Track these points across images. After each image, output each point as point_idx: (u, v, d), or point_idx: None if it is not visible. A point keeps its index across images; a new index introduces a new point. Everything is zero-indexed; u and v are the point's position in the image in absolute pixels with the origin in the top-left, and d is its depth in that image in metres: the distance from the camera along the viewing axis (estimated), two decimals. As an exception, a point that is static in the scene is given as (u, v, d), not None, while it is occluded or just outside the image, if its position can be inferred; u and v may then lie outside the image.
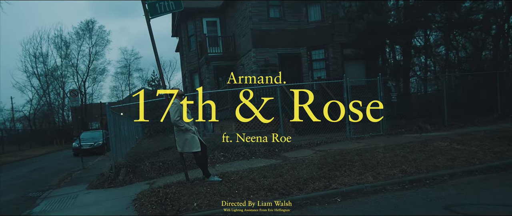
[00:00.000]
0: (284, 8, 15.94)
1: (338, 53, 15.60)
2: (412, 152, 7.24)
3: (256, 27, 15.54)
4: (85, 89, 44.96)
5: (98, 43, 45.44)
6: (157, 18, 6.63)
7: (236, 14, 17.50)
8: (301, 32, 15.97)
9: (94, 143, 19.39)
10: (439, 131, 10.80)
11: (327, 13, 15.54)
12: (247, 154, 8.86)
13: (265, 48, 15.58)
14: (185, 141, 5.99)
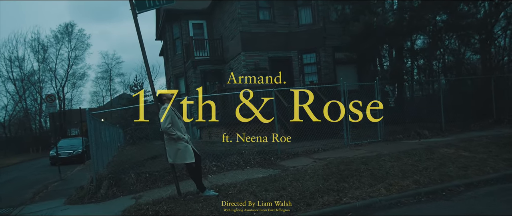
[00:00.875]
0: (274, 10, 15.46)
1: (330, 57, 15.19)
2: (420, 161, 6.77)
3: (246, 30, 14.99)
4: (64, 95, 43.37)
5: (78, 47, 44.03)
6: (141, 20, 6.00)
7: (224, 16, 16.91)
8: (291, 35, 15.51)
9: (73, 151, 18.33)
10: (438, 137, 10.45)
11: (319, 16, 15.14)
12: (241, 163, 8.23)
13: (255, 51, 15.03)
14: (177, 151, 5.32)
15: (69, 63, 43.03)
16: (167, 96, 5.55)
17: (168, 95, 5.56)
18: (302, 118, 11.64)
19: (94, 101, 51.57)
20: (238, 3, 14.97)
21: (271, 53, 15.27)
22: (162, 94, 5.57)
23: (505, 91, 12.62)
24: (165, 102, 5.51)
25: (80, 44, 44.65)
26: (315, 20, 15.25)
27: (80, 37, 43.97)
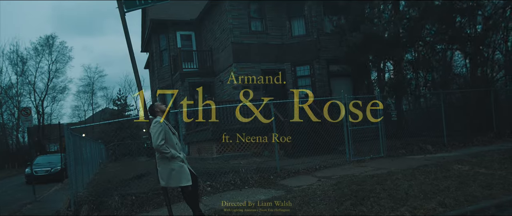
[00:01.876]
0: (266, 21, 14.97)
1: (324, 69, 14.71)
2: (437, 179, 6.18)
3: (237, 40, 14.41)
4: (43, 109, 41.70)
5: (59, 59, 42.67)
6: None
7: (214, 26, 16.32)
8: (285, 47, 15.00)
9: (51, 168, 17.11)
10: (442, 152, 9.96)
11: (312, 28, 14.71)
12: (238, 182, 7.48)
13: (247, 63, 14.42)
14: (171, 172, 4.56)
15: (49, 76, 41.57)
16: (160, 108, 4.81)
17: (161, 107, 4.82)
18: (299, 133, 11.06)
19: (75, 116, 49.84)
20: (229, 13, 14.43)
21: (264, 65, 14.70)
22: (154, 105, 4.84)
23: (504, 104, 12.32)
24: (157, 115, 4.77)
25: (61, 57, 43.32)
26: (308, 31, 14.81)
27: (62, 49, 42.68)
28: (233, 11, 14.48)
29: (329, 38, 14.77)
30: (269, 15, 15.00)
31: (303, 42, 14.81)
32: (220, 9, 15.34)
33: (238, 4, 14.60)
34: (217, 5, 15.58)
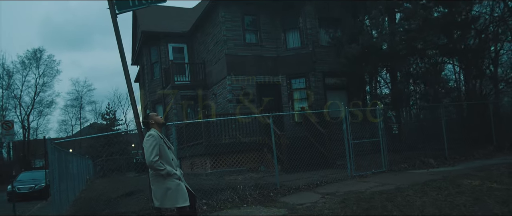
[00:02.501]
0: (261, 33, 14.71)
1: (320, 82, 14.43)
2: (450, 195, 5.81)
3: (231, 52, 14.07)
4: (28, 123, 40.51)
5: (46, 73, 41.66)
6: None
7: (207, 38, 16.00)
8: (280, 59, 14.72)
9: (35, 185, 16.29)
10: (445, 166, 9.66)
11: (307, 40, 14.48)
12: (236, 200, 6.99)
13: (241, 76, 14.06)
14: (167, 191, 4.08)
15: (36, 90, 40.52)
16: (156, 119, 4.37)
17: (157, 119, 4.38)
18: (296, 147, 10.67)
19: (62, 130, 48.62)
20: (223, 25, 14.14)
21: (259, 77, 14.36)
22: (148, 116, 4.39)
23: (503, 117, 12.16)
24: (152, 127, 4.33)
25: (49, 70, 42.29)
26: (303, 44, 14.58)
27: (49, 63, 41.72)
28: (227, 23, 14.21)
29: (324, 51, 14.56)
30: (264, 27, 14.76)
31: (298, 55, 14.56)
32: (213, 21, 15.06)
33: (232, 16, 14.35)
34: (210, 17, 15.31)
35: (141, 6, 4.27)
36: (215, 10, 14.69)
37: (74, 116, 49.11)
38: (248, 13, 14.69)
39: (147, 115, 4.44)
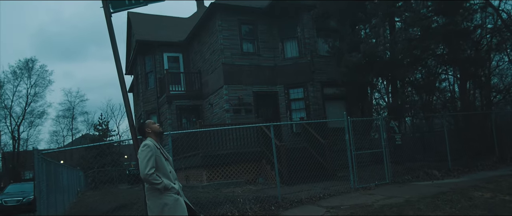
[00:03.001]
0: (258, 42, 14.49)
1: (319, 92, 14.19)
2: (463, 208, 5.51)
3: (228, 61, 13.81)
4: (19, 134, 39.68)
5: (38, 83, 41.03)
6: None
7: (203, 48, 15.74)
8: (277, 69, 14.48)
9: (23, 198, 15.66)
10: (450, 178, 9.37)
11: (306, 49, 14.29)
12: (235, 214, 6.61)
13: (238, 85, 13.77)
14: (163, 207, 3.70)
15: (27, 100, 39.83)
16: (153, 127, 4.00)
17: (154, 127, 4.01)
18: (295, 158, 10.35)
19: (53, 141, 47.71)
20: (220, 33, 13.90)
21: (256, 87, 14.08)
22: (145, 124, 4.03)
23: (504, 128, 11.97)
24: (148, 136, 3.98)
25: (41, 81, 41.66)
26: (302, 53, 14.38)
27: (42, 73, 41.15)
28: (224, 31, 13.98)
29: (323, 61, 14.38)
30: (261, 37, 14.56)
31: (296, 64, 14.34)
32: (210, 30, 14.83)
33: (229, 25, 14.14)
34: (207, 26, 15.08)
35: (138, 5, 3.96)
36: (212, 18, 14.47)
37: (66, 127, 48.35)
38: (245, 22, 14.50)
39: (143, 123, 4.08)
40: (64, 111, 47.74)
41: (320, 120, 11.78)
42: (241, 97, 13.65)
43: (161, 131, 4.07)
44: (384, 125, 9.11)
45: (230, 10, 14.19)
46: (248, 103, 13.78)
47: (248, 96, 13.86)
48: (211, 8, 14.06)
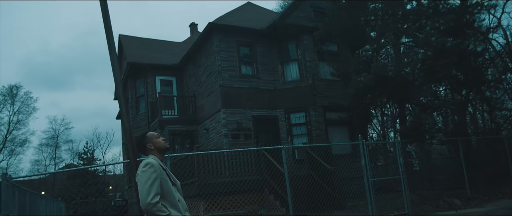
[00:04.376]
0: (257, 64, 13.88)
1: (321, 116, 13.48)
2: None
3: (226, 84, 13.08)
4: (-3, 163, 37.58)
5: (22, 110, 39.40)
6: (101, 76, 3.43)
7: (198, 71, 15.04)
8: (277, 92, 13.80)
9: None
10: (472, 207, 8.61)
11: (307, 72, 13.70)
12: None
13: (237, 109, 12.99)
14: (172, 247, 2.81)
15: (9, 128, 38.07)
16: (156, 142, 3.13)
17: (157, 141, 3.14)
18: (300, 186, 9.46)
19: (34, 171, 45.38)
20: (217, 55, 13.27)
21: (255, 111, 13.31)
22: (146, 137, 3.16)
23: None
24: (149, 153, 3.11)
25: (25, 108, 40.06)
26: (303, 76, 13.78)
27: (26, 100, 39.61)
28: (222, 53, 13.36)
29: (324, 84, 13.80)
30: (261, 59, 13.98)
31: (297, 88, 13.69)
32: (207, 51, 14.20)
33: (228, 46, 13.56)
34: (204, 47, 14.46)
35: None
36: (209, 39, 13.88)
37: (48, 156, 46.22)
38: (244, 44, 13.95)
39: (143, 136, 3.19)
40: (47, 139, 45.73)
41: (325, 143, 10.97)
42: (240, 121, 12.83)
43: (167, 147, 3.20)
44: (400, 149, 8.34)
45: (228, 31, 13.66)
46: (247, 128, 12.94)
47: (247, 120, 13.06)
48: (208, 28, 13.49)
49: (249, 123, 13.05)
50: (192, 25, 24.57)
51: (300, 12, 14.52)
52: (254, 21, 15.13)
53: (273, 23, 13.77)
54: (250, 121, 13.10)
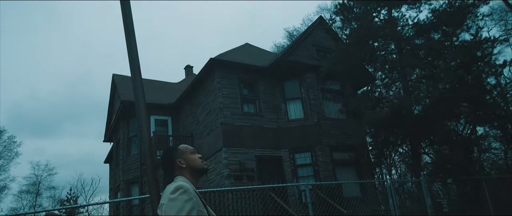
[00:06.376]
0: (260, 102, 13.30)
1: (328, 157, 12.70)
2: None
3: (228, 122, 12.36)
4: (-30, 212, 34.82)
5: (4, 155, 37.49)
6: (92, 119, 2.91)
7: (197, 109, 14.34)
8: (281, 131, 13.10)
9: None
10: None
11: (311, 111, 13.14)
12: None
13: (239, 148, 12.16)
14: None
15: (-13, 173, 35.90)
16: (189, 159, 2.31)
17: (191, 158, 2.32)
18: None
19: (10, 221, 42.18)
20: (219, 91, 12.68)
21: (258, 151, 12.49)
22: (177, 151, 2.34)
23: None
24: (179, 174, 2.29)
25: (7, 153, 38.19)
26: (307, 114, 13.19)
27: (9, 144, 37.88)
28: (224, 89, 12.78)
29: (330, 123, 13.21)
30: (263, 97, 13.44)
31: (302, 126, 13.03)
32: (207, 88, 13.62)
33: (229, 83, 13.04)
34: (203, 84, 13.90)
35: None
36: (210, 75, 13.36)
37: (28, 204, 43.32)
38: (246, 81, 13.47)
39: (173, 149, 2.36)
40: (28, 186, 43.17)
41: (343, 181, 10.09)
42: (243, 162, 11.94)
43: (204, 168, 2.37)
44: (427, 188, 7.55)
45: (230, 68, 13.22)
46: (251, 169, 12.03)
47: (250, 160, 12.18)
48: (210, 64, 13.02)
49: (252, 163, 12.16)
50: (188, 67, 24.29)
51: (303, 50, 14.29)
52: (255, 59, 14.82)
53: (276, 60, 13.43)
54: (253, 162, 12.22)
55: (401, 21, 11.49)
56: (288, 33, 33.33)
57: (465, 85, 8.87)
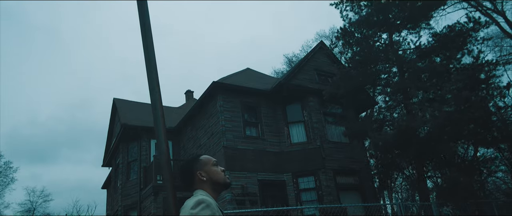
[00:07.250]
0: (262, 126, 13.22)
1: (331, 181, 12.48)
2: None
3: (230, 145, 12.22)
4: (-39, 241, 33.77)
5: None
6: (90, 143, 2.85)
7: (198, 133, 14.22)
8: (284, 155, 12.94)
9: None
10: None
11: (314, 134, 13.05)
12: None
13: (241, 172, 11.95)
14: None
15: (-19, 199, 35.08)
16: (211, 172, 2.21)
17: (213, 171, 2.22)
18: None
19: (1, 251, 40.86)
20: (221, 114, 12.62)
21: (261, 175, 12.28)
22: (198, 162, 2.23)
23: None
24: (199, 187, 2.19)
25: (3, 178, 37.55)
26: (310, 138, 13.08)
27: (5, 170, 37.30)
28: (226, 112, 12.73)
29: (333, 147, 13.08)
30: (265, 120, 13.38)
31: (304, 150, 12.89)
32: (209, 112, 13.57)
33: (231, 106, 13.00)
34: (205, 108, 13.87)
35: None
36: (212, 99, 13.34)
37: (20, 232, 42.09)
38: (248, 104, 13.44)
39: (194, 160, 2.24)
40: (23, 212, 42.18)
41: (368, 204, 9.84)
42: (245, 186, 11.70)
43: (227, 183, 2.25)
44: (437, 211, 7.36)
45: (232, 91, 13.22)
46: (253, 193, 11.77)
47: (253, 185, 11.94)
48: (212, 87, 13.02)
49: (255, 188, 11.92)
50: (188, 92, 24.33)
51: (305, 74, 14.38)
52: (256, 83, 14.86)
53: (279, 83, 13.48)
54: (256, 186, 11.98)
55: (403, 45, 11.66)
56: (287, 59, 33.68)
57: (471, 107, 8.87)
